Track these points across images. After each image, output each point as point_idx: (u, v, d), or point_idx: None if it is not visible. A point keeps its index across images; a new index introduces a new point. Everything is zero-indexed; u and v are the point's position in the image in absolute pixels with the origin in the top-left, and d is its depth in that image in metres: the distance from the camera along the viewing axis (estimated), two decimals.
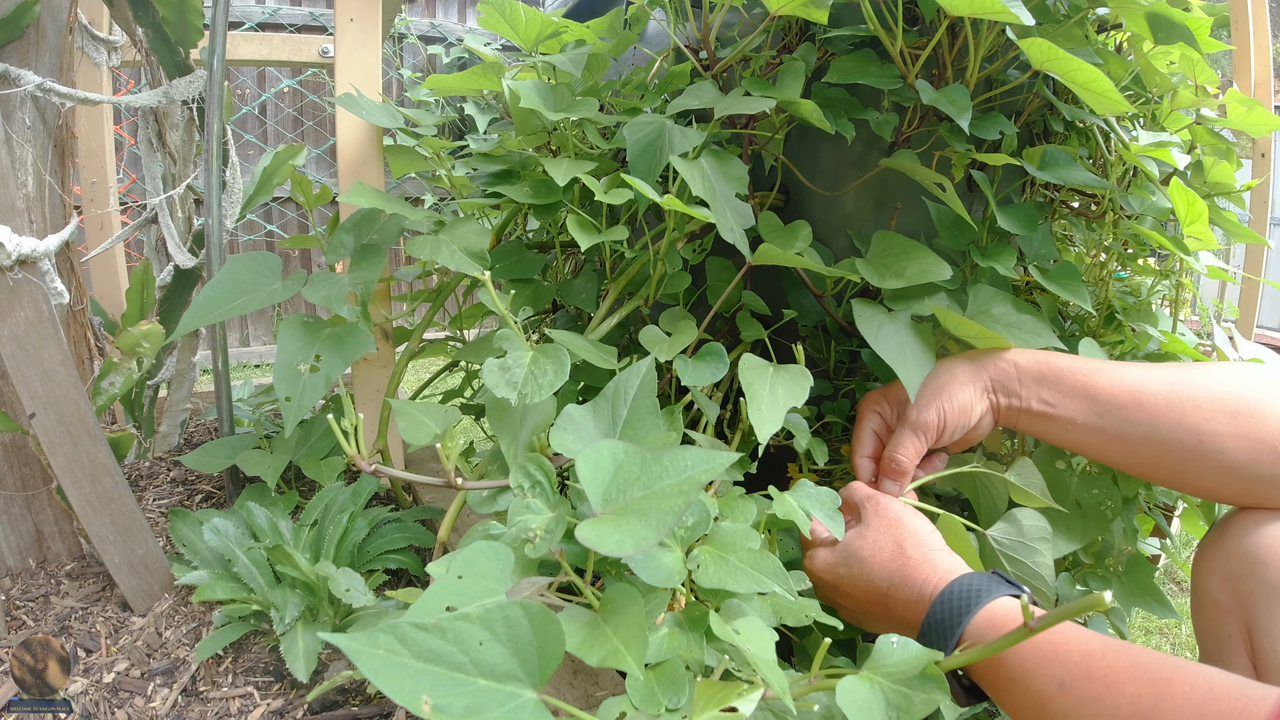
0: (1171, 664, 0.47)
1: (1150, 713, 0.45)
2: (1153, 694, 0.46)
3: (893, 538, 0.67)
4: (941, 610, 0.59)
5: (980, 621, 0.56)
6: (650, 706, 0.45)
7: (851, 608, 0.70)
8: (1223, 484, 0.62)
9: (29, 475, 0.88)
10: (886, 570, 0.65)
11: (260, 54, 1.48)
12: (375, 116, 0.91)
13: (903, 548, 0.66)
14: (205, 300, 0.82)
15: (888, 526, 0.68)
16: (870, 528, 0.68)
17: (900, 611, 0.64)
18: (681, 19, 0.85)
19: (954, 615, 0.58)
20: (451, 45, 3.81)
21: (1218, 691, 0.44)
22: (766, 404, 0.66)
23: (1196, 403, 0.62)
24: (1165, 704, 0.45)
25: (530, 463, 0.56)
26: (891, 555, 0.65)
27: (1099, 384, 0.66)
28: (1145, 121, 0.93)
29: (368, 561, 0.87)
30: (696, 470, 0.46)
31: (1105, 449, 0.67)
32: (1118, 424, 0.65)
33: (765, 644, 0.51)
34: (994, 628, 0.55)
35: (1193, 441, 0.62)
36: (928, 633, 0.59)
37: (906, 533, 0.67)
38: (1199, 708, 0.44)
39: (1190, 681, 0.45)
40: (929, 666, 0.49)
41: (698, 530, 0.56)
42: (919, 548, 0.65)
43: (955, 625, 0.57)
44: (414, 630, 0.36)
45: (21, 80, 0.79)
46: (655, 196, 0.69)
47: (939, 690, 0.48)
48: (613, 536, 0.42)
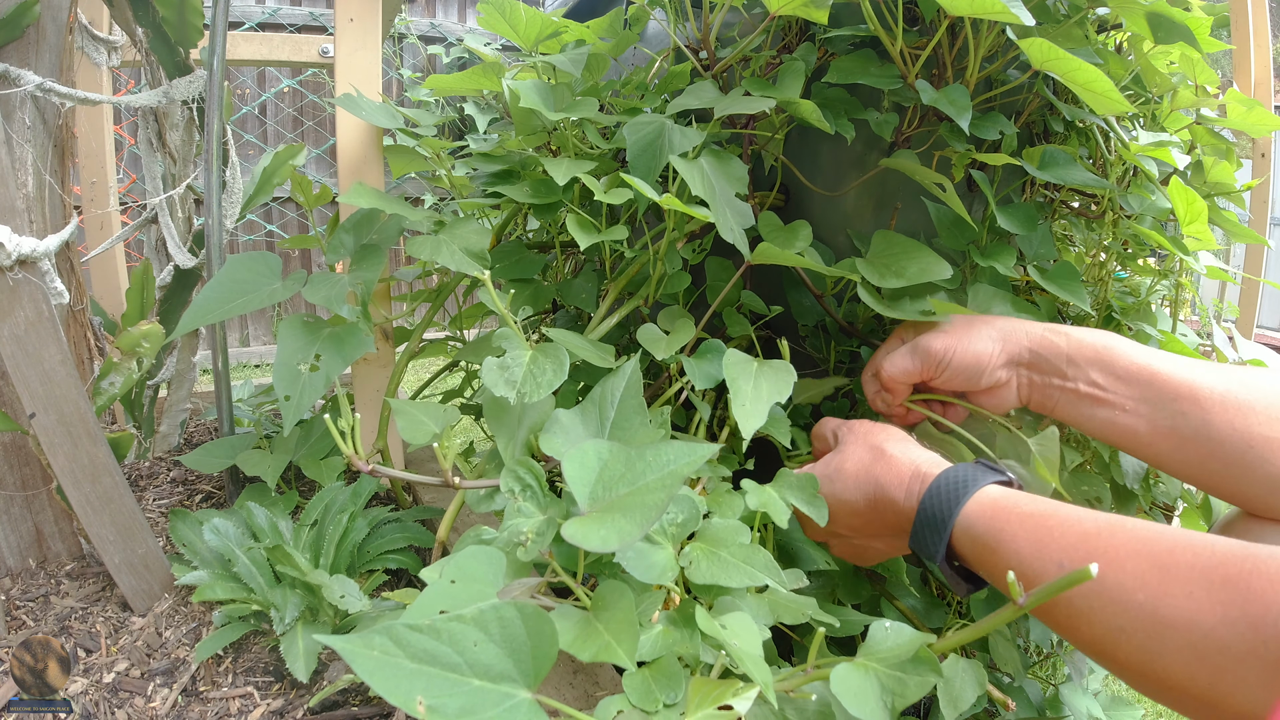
0: (1170, 534, 0.46)
1: (1156, 586, 0.44)
2: (1156, 567, 0.45)
3: (870, 444, 0.66)
4: (931, 504, 0.58)
5: (971, 510, 0.56)
6: (647, 703, 0.45)
7: (842, 530, 0.68)
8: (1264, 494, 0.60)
9: (29, 475, 0.88)
10: (870, 475, 0.64)
11: (260, 54, 1.48)
12: (375, 117, 0.91)
13: (882, 449, 0.65)
14: (205, 300, 0.82)
15: (864, 436, 0.67)
16: (846, 444, 0.68)
17: (889, 516, 0.63)
18: (681, 19, 0.85)
19: (944, 507, 0.57)
20: (451, 45, 3.81)
21: (1221, 555, 0.43)
22: (750, 398, 0.66)
23: (1253, 406, 0.60)
24: (1170, 574, 0.44)
25: (520, 466, 0.57)
26: (873, 460, 0.65)
27: (1157, 371, 0.63)
28: (1145, 121, 0.93)
29: (368, 561, 0.87)
30: (679, 464, 0.46)
31: (1152, 442, 0.63)
32: (1169, 416, 0.62)
33: (753, 639, 0.51)
34: (985, 516, 0.55)
35: (1243, 445, 0.59)
36: (919, 530, 0.59)
37: (883, 437, 0.66)
38: (1205, 574, 0.43)
39: (1193, 549, 0.44)
40: (922, 649, 0.49)
41: (688, 527, 0.56)
42: (898, 445, 0.65)
43: (948, 516, 0.57)
44: (408, 631, 0.36)
45: (21, 80, 0.79)
46: (655, 196, 0.69)
47: (933, 672, 0.48)
48: (598, 533, 0.43)
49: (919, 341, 0.71)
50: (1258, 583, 0.41)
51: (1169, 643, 0.43)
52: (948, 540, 0.57)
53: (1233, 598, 0.41)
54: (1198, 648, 0.42)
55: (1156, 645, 0.44)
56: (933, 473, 0.61)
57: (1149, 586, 0.44)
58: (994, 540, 0.53)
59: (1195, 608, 0.42)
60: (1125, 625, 0.45)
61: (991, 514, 0.54)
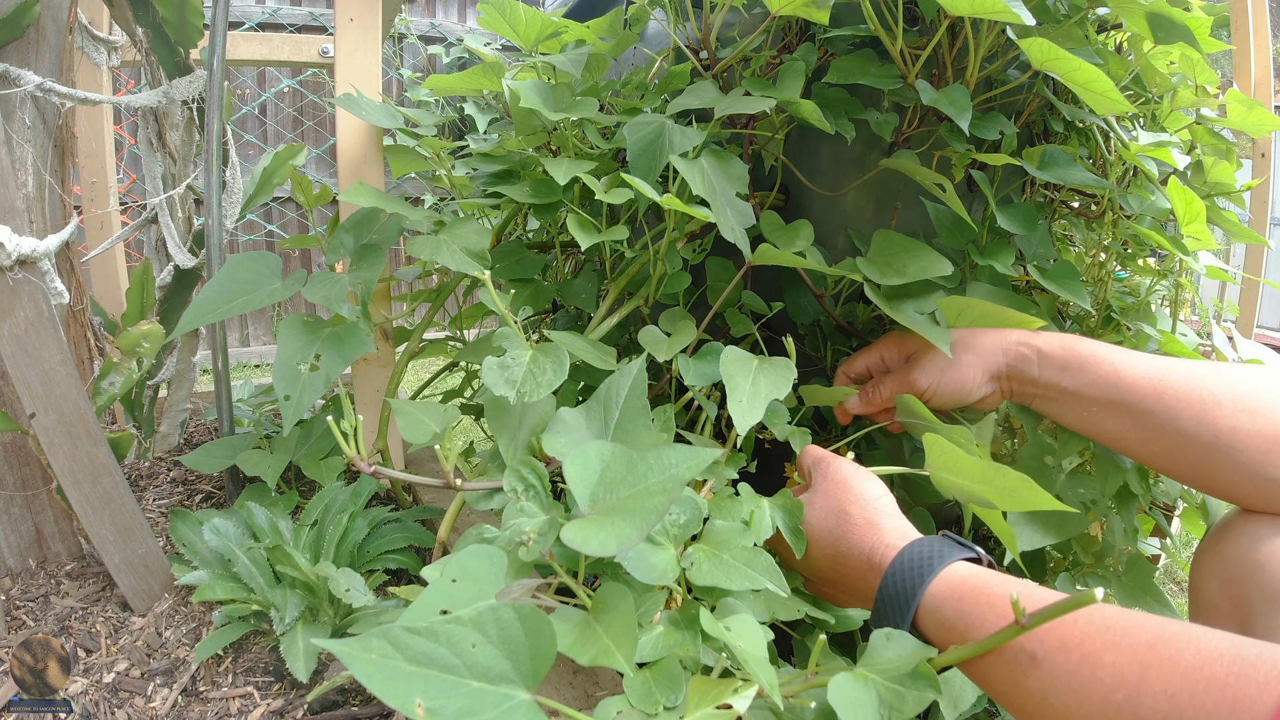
0: (1151, 626, 0.43)
1: (1135, 683, 0.41)
2: (1135, 662, 0.42)
3: (837, 502, 0.64)
4: (894, 581, 0.56)
5: (937, 591, 0.53)
6: (647, 704, 0.45)
7: (811, 578, 0.68)
8: (1237, 482, 0.61)
9: (29, 475, 0.88)
10: (833, 537, 0.62)
11: (260, 54, 1.48)
12: (375, 116, 0.91)
13: (847, 513, 0.63)
14: (205, 300, 0.82)
15: (833, 490, 0.65)
16: (817, 493, 0.66)
17: (852, 580, 0.61)
18: (681, 19, 0.85)
19: (908, 586, 0.55)
20: (451, 45, 3.81)
21: (1206, 654, 0.40)
22: (748, 395, 0.66)
23: (1217, 398, 0.62)
24: (1151, 672, 0.41)
25: (523, 466, 0.57)
26: (836, 521, 0.63)
27: (1122, 372, 0.66)
28: (1145, 121, 0.93)
29: (368, 561, 0.87)
30: (681, 467, 0.46)
31: (1121, 437, 0.67)
32: (1136, 413, 0.65)
33: (757, 641, 0.51)
34: (952, 598, 0.52)
35: (1209, 436, 0.61)
36: (882, 607, 0.56)
37: (852, 497, 0.64)
38: (1190, 674, 0.40)
39: (1175, 645, 0.42)
40: (921, 664, 0.48)
41: (689, 528, 0.56)
42: (864, 510, 0.62)
43: (911, 597, 0.54)
44: (406, 634, 0.36)
45: (21, 80, 0.79)
46: (655, 196, 0.69)
47: (931, 688, 0.47)
48: (597, 536, 0.43)
49: (905, 375, 0.75)
50: (1245, 690, 0.38)
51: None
52: (911, 620, 0.54)
53: (1219, 704, 0.38)
54: None
55: None
56: (896, 545, 0.58)
57: (1127, 685, 0.41)
58: (962, 624, 0.51)
59: (1178, 713, 0.39)
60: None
61: (959, 596, 0.52)
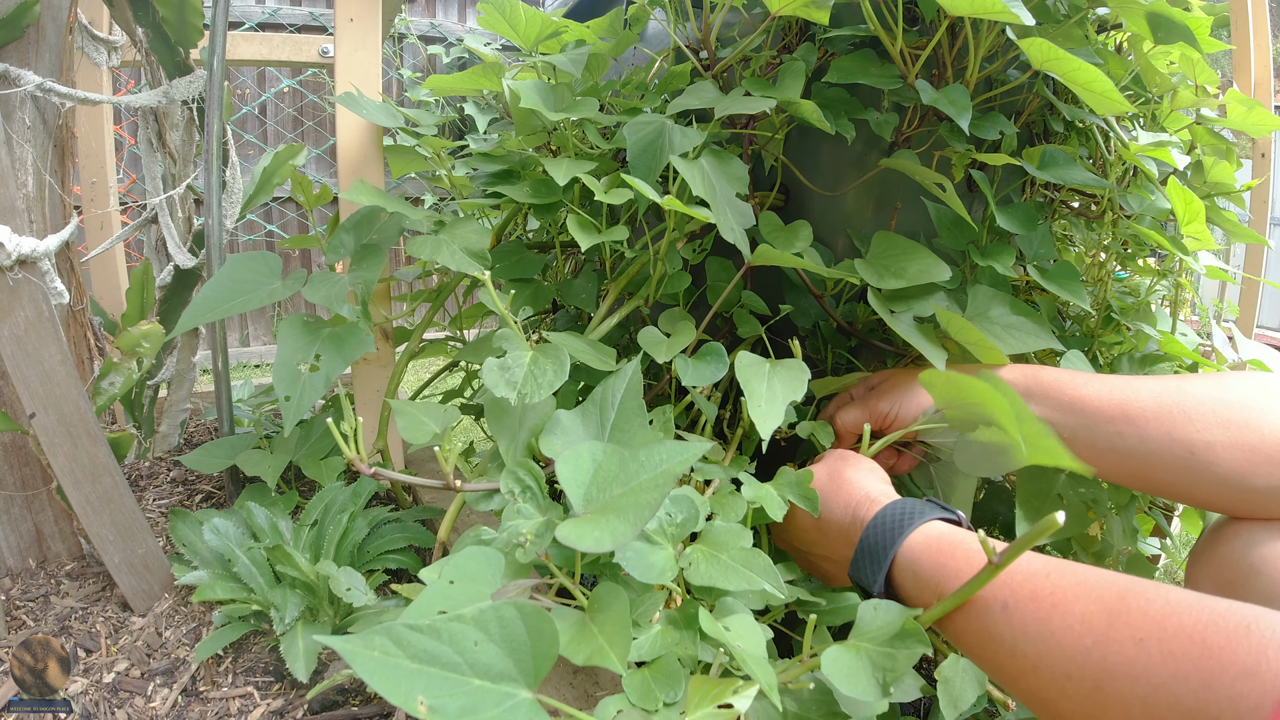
0: (1121, 580, 0.44)
1: (1104, 630, 0.42)
2: (1104, 611, 0.42)
3: (830, 467, 0.68)
4: (875, 533, 0.58)
5: (914, 543, 0.55)
6: (647, 702, 0.46)
7: (795, 543, 0.70)
8: (1218, 494, 0.61)
9: (29, 475, 0.88)
10: (823, 494, 0.66)
11: (260, 54, 1.48)
12: (375, 116, 0.91)
13: (841, 473, 0.66)
14: (205, 299, 0.82)
15: (830, 459, 0.70)
16: (816, 463, 0.71)
17: (834, 538, 0.63)
18: (682, 19, 0.85)
19: (886, 538, 0.56)
20: (451, 45, 3.81)
21: (1175, 605, 0.41)
22: (766, 399, 0.66)
23: (1187, 414, 0.61)
24: (1120, 620, 0.42)
25: (520, 468, 0.57)
26: (828, 480, 0.66)
27: (1086, 397, 0.65)
28: (1145, 121, 0.93)
29: (368, 561, 0.87)
30: (672, 462, 0.46)
31: (1096, 461, 0.66)
32: (1106, 437, 0.64)
33: (755, 640, 0.51)
34: (929, 550, 0.54)
35: (1184, 454, 0.61)
36: (860, 559, 0.58)
37: (846, 464, 0.68)
38: (1158, 622, 0.40)
39: (1144, 596, 0.42)
40: (908, 622, 0.49)
41: (686, 527, 0.56)
42: (855, 472, 0.66)
43: (889, 546, 0.56)
44: (408, 631, 0.36)
45: (21, 80, 0.79)
46: (655, 196, 0.69)
47: (920, 643, 0.48)
48: (592, 534, 0.43)
49: (866, 401, 0.76)
50: (1214, 637, 0.38)
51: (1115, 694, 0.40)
52: (887, 571, 0.56)
53: (1186, 650, 0.39)
54: (1146, 701, 0.39)
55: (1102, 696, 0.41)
56: (881, 502, 0.60)
57: (1096, 632, 0.42)
58: (937, 575, 0.52)
59: (1145, 659, 0.40)
60: (1072, 673, 0.42)
61: (936, 549, 0.53)
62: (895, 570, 0.56)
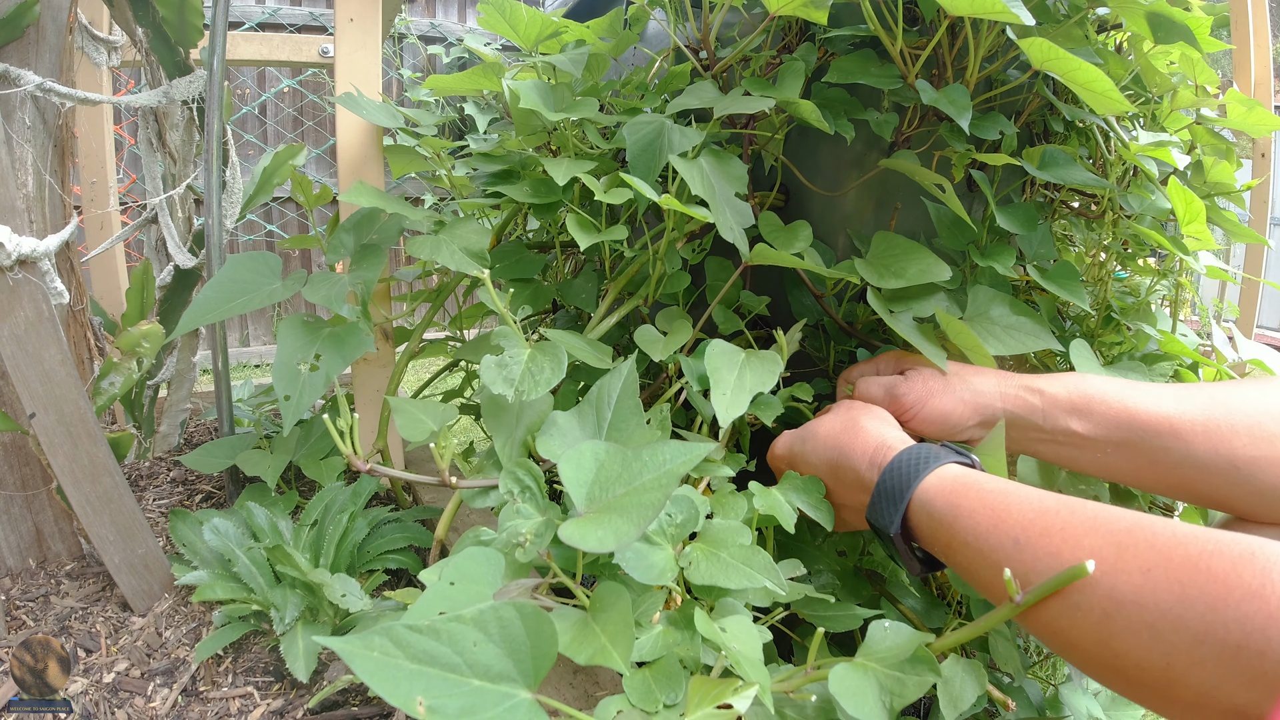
0: (1129, 516, 0.46)
1: (1112, 561, 0.43)
2: (1113, 544, 0.44)
3: (847, 415, 0.68)
4: (892, 476, 0.59)
5: (930, 485, 0.56)
6: (647, 704, 0.45)
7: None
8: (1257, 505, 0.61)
9: (29, 475, 0.88)
10: (838, 441, 0.66)
11: (260, 54, 1.48)
12: (375, 116, 0.91)
13: (856, 420, 0.67)
14: (205, 299, 0.82)
15: (847, 408, 0.70)
16: (830, 411, 0.72)
17: (852, 484, 0.64)
18: (681, 19, 0.85)
19: (903, 481, 0.57)
20: (451, 45, 3.81)
21: (1181, 536, 0.42)
22: (731, 387, 0.67)
23: (1234, 428, 0.61)
24: (1128, 553, 0.43)
25: (519, 468, 0.57)
26: (844, 428, 0.67)
27: (1135, 412, 0.64)
28: (1145, 121, 0.93)
29: (368, 561, 0.87)
30: (675, 463, 0.46)
31: (1136, 474, 0.65)
32: (1152, 450, 0.63)
33: (752, 642, 0.51)
34: (944, 491, 0.55)
35: (1227, 467, 0.60)
36: (877, 501, 0.59)
37: (863, 410, 0.69)
38: (1163, 553, 0.42)
39: (1151, 529, 0.44)
40: (920, 649, 0.49)
41: (687, 527, 0.56)
42: (873, 421, 0.66)
43: (906, 488, 0.57)
44: (408, 632, 0.36)
45: (21, 80, 0.79)
46: (654, 196, 0.69)
47: (931, 672, 0.48)
48: (595, 534, 0.43)
49: (893, 385, 0.72)
50: (1218, 564, 0.40)
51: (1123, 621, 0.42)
52: (904, 513, 0.57)
53: (1192, 576, 0.40)
54: (1154, 626, 0.41)
55: (1111, 624, 0.43)
56: (897, 447, 0.61)
57: (1105, 561, 0.44)
58: (951, 515, 0.53)
59: (1152, 586, 0.41)
60: (1080, 602, 0.44)
61: (951, 489, 0.55)
62: (911, 512, 0.57)
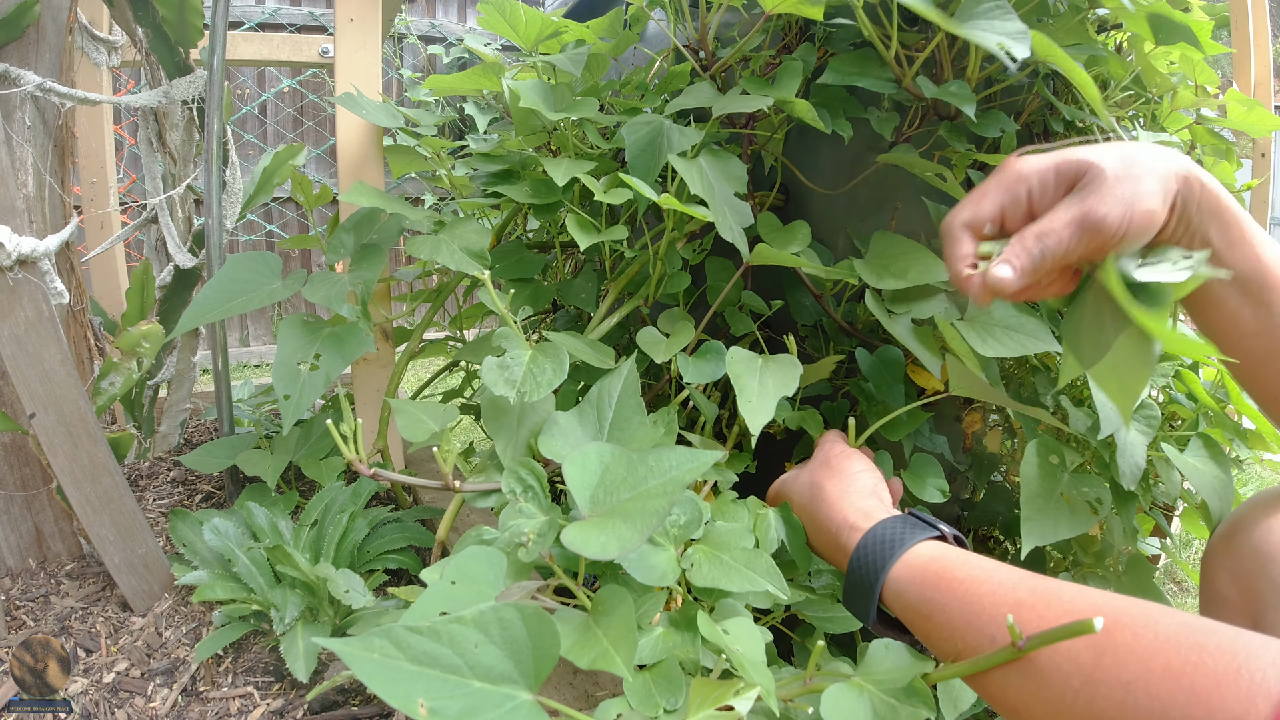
0: (1111, 607, 0.42)
1: (1091, 671, 0.40)
2: (1091, 647, 0.41)
3: (816, 477, 0.67)
4: (859, 567, 0.57)
5: (900, 574, 0.54)
6: (647, 707, 0.45)
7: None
8: None
9: (29, 475, 0.88)
10: (809, 511, 0.66)
11: (260, 54, 1.48)
12: (375, 116, 0.91)
13: (821, 488, 0.65)
14: (205, 299, 0.82)
15: (817, 466, 0.68)
16: (805, 467, 0.70)
17: (829, 550, 0.63)
18: (681, 19, 0.85)
19: (871, 572, 0.55)
20: (451, 45, 3.81)
21: (1163, 640, 0.39)
22: (756, 394, 0.66)
23: None
24: (1106, 659, 0.40)
25: (522, 468, 0.57)
26: (811, 495, 0.66)
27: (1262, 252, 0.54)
28: (1145, 121, 0.93)
29: (368, 562, 0.87)
30: (682, 469, 0.46)
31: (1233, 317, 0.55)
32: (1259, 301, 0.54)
33: (754, 644, 0.51)
34: (915, 581, 0.53)
35: None
36: (850, 592, 0.57)
37: (829, 473, 0.67)
38: (1145, 662, 0.39)
39: (1131, 629, 0.40)
40: (916, 680, 0.48)
41: (690, 529, 0.56)
42: (837, 486, 0.65)
43: (874, 582, 0.55)
44: (409, 634, 0.36)
45: (21, 80, 0.79)
46: (654, 196, 0.69)
47: (925, 705, 0.47)
48: (598, 540, 0.42)
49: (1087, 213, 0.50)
50: (1202, 681, 0.36)
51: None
52: (876, 604, 0.55)
53: (1173, 695, 0.37)
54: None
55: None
56: (861, 528, 0.59)
57: (1084, 670, 0.40)
58: (926, 608, 0.51)
59: (1133, 702, 0.38)
60: (1062, 712, 0.41)
61: (921, 579, 0.52)
62: (885, 600, 0.55)
